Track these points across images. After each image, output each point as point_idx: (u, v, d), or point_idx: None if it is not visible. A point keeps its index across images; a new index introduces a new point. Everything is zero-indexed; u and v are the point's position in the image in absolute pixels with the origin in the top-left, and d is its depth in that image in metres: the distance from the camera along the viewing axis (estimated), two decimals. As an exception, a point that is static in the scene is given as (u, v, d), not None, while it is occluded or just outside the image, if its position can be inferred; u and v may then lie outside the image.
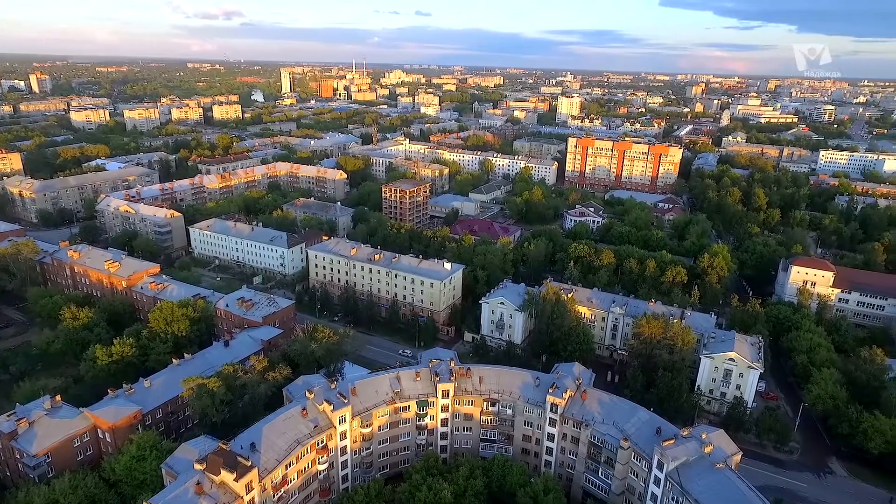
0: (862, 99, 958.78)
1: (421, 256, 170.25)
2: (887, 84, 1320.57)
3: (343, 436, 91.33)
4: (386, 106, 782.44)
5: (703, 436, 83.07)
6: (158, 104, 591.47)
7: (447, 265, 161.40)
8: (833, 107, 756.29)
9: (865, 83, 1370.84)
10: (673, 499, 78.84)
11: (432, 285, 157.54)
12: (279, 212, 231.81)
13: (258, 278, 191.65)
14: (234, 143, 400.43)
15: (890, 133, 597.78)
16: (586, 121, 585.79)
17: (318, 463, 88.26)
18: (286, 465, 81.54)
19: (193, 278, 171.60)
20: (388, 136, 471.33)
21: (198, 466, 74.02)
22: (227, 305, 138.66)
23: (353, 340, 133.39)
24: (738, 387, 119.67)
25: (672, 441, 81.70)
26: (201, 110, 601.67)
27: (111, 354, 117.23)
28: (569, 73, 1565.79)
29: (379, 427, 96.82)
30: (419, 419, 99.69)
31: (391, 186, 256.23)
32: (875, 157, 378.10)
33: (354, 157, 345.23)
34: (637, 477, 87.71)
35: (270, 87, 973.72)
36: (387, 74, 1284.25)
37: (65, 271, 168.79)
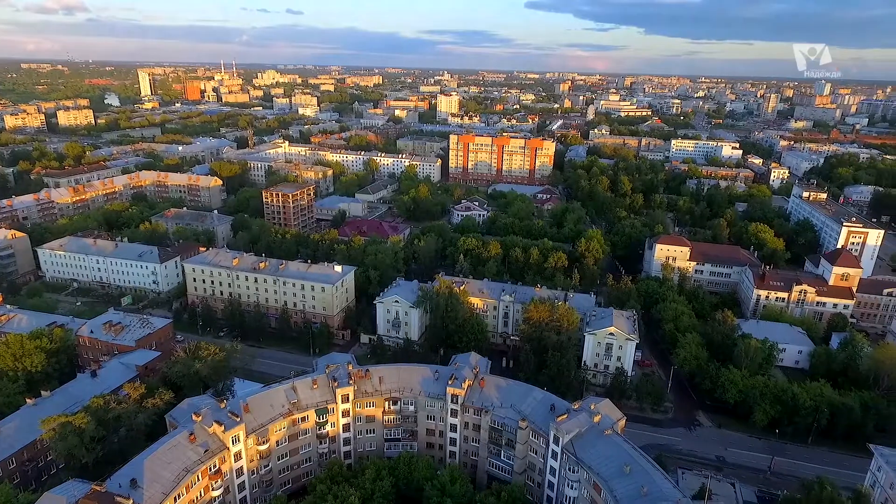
0: (701, 94, 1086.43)
1: (309, 261, 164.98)
2: (719, 80, 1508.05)
3: (238, 456, 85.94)
4: (261, 108, 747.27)
5: (592, 406, 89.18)
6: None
7: (338, 268, 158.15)
8: (679, 101, 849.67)
9: (703, 80, 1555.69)
10: (569, 469, 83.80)
11: (324, 290, 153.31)
12: (147, 225, 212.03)
13: (127, 299, 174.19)
14: (88, 153, 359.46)
15: (725, 123, 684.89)
16: (465, 118, 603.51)
17: (212, 489, 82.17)
18: (175, 498, 74.91)
19: (47, 305, 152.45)
20: (266, 138, 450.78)
21: (67, 515, 65.63)
22: (91, 332, 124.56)
23: (242, 355, 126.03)
24: (619, 358, 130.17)
25: (565, 416, 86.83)
26: (43, 116, 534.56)
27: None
28: (446, 72, 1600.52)
29: (277, 442, 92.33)
30: (319, 428, 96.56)
31: (272, 191, 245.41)
32: (715, 144, 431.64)
33: (230, 162, 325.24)
34: (536, 454, 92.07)
35: (127, 90, 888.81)
36: (259, 75, 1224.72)
37: None
